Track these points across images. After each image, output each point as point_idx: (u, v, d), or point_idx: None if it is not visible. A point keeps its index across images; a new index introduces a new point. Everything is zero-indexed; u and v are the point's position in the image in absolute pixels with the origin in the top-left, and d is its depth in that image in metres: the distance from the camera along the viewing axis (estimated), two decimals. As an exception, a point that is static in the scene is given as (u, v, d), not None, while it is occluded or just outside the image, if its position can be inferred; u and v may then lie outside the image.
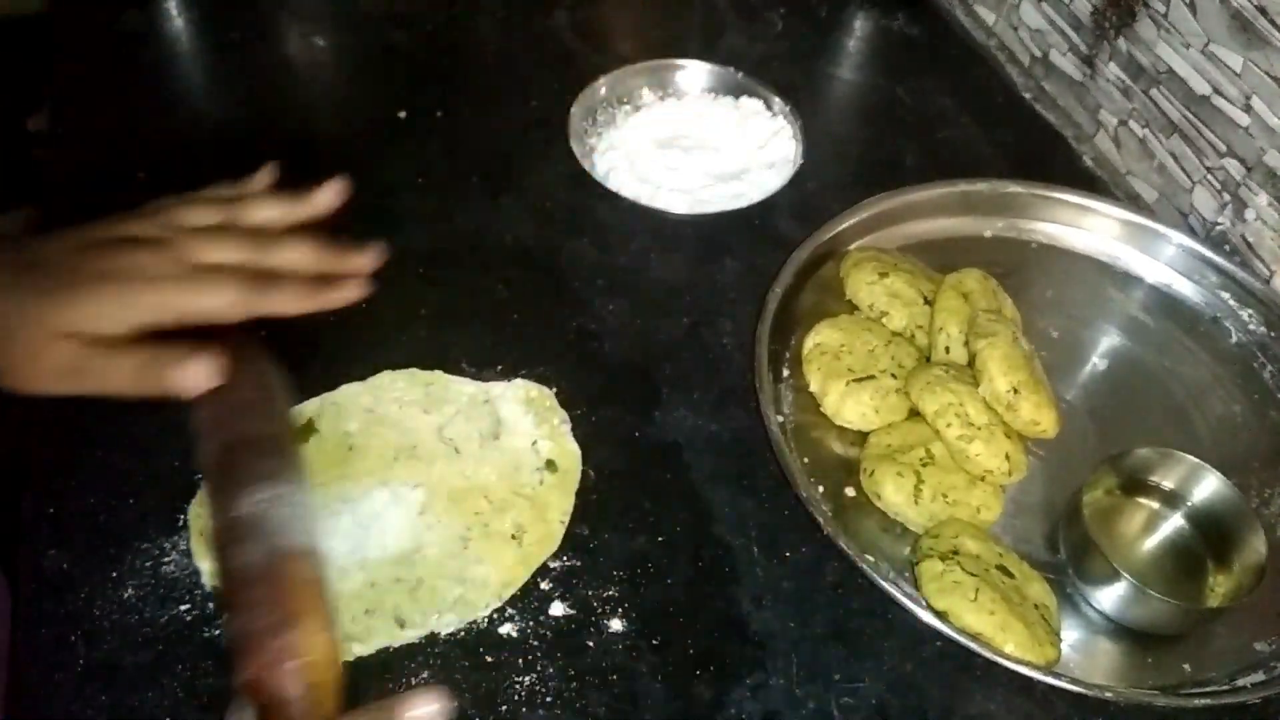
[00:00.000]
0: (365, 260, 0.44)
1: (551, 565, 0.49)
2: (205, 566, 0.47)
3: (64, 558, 0.47)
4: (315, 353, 0.56)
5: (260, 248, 0.42)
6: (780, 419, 0.54)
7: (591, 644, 0.47)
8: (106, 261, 0.40)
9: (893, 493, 0.51)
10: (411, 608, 0.47)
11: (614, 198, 0.66)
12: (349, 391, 0.54)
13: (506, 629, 0.47)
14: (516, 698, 0.45)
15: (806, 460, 0.54)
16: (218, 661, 0.44)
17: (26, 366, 0.39)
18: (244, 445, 0.40)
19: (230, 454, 0.40)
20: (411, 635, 0.46)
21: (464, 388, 0.55)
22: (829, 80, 0.79)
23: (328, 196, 0.45)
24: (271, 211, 0.44)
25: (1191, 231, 0.67)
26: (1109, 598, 0.49)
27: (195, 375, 0.39)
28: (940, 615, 0.47)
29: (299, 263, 0.43)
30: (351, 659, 0.45)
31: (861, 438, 0.55)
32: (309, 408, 0.53)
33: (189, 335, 0.40)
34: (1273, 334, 0.62)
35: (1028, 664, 0.46)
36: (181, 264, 0.41)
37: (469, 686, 0.45)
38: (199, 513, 0.48)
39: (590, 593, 0.48)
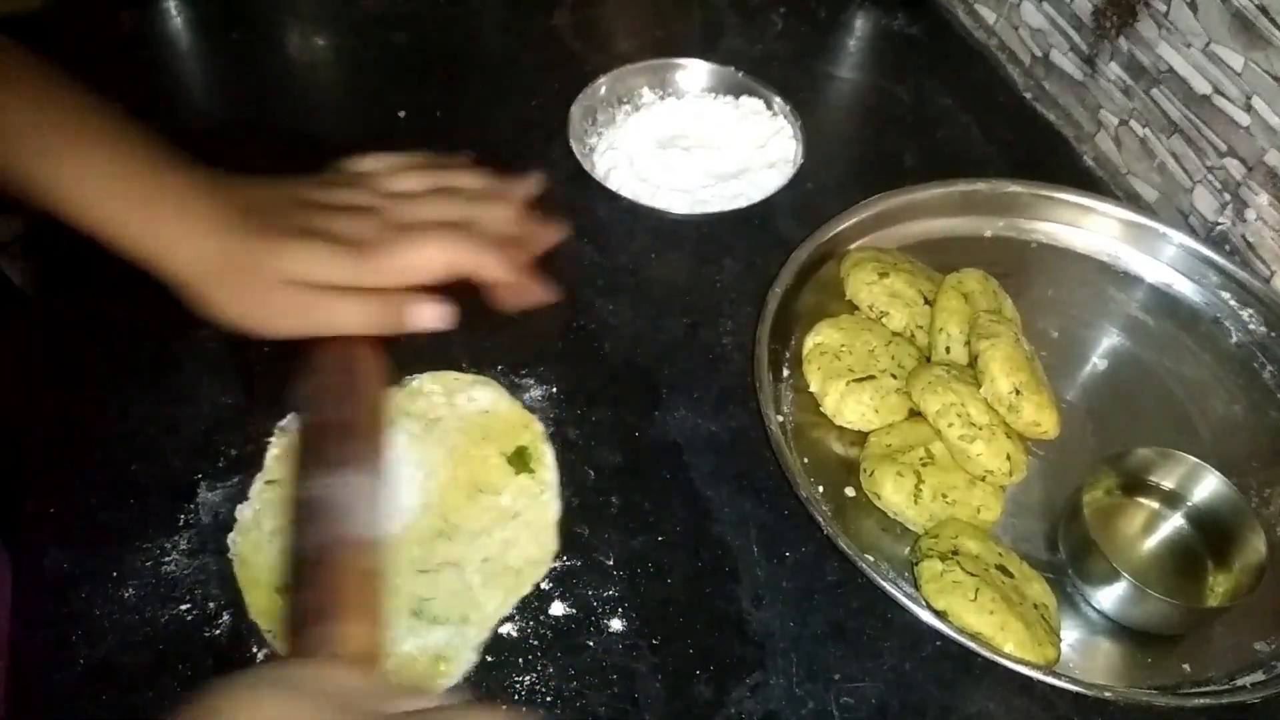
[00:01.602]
0: (552, 234, 0.47)
1: (552, 565, 0.49)
2: (249, 599, 0.46)
3: (64, 557, 0.47)
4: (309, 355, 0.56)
5: (470, 205, 0.44)
6: (780, 419, 0.54)
7: (591, 644, 0.47)
8: (318, 222, 0.42)
9: (892, 492, 0.51)
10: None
11: (614, 197, 0.66)
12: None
13: (507, 629, 0.47)
14: (516, 697, 0.45)
15: (806, 460, 0.54)
16: (218, 661, 0.44)
17: (260, 307, 0.41)
18: (330, 429, 0.40)
19: (315, 435, 0.40)
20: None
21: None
22: (829, 80, 0.79)
23: (529, 186, 0.47)
24: (475, 181, 0.46)
25: (1192, 231, 0.67)
26: (1109, 597, 0.49)
27: (429, 314, 0.41)
28: (940, 615, 0.47)
29: (504, 223, 0.45)
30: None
31: (861, 438, 0.55)
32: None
33: None
34: (1273, 334, 0.62)
35: (1027, 663, 0.46)
36: (388, 230, 0.42)
37: (469, 686, 0.45)
38: (239, 540, 0.48)
39: (590, 593, 0.48)
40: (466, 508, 0.50)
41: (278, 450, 0.51)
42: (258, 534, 0.48)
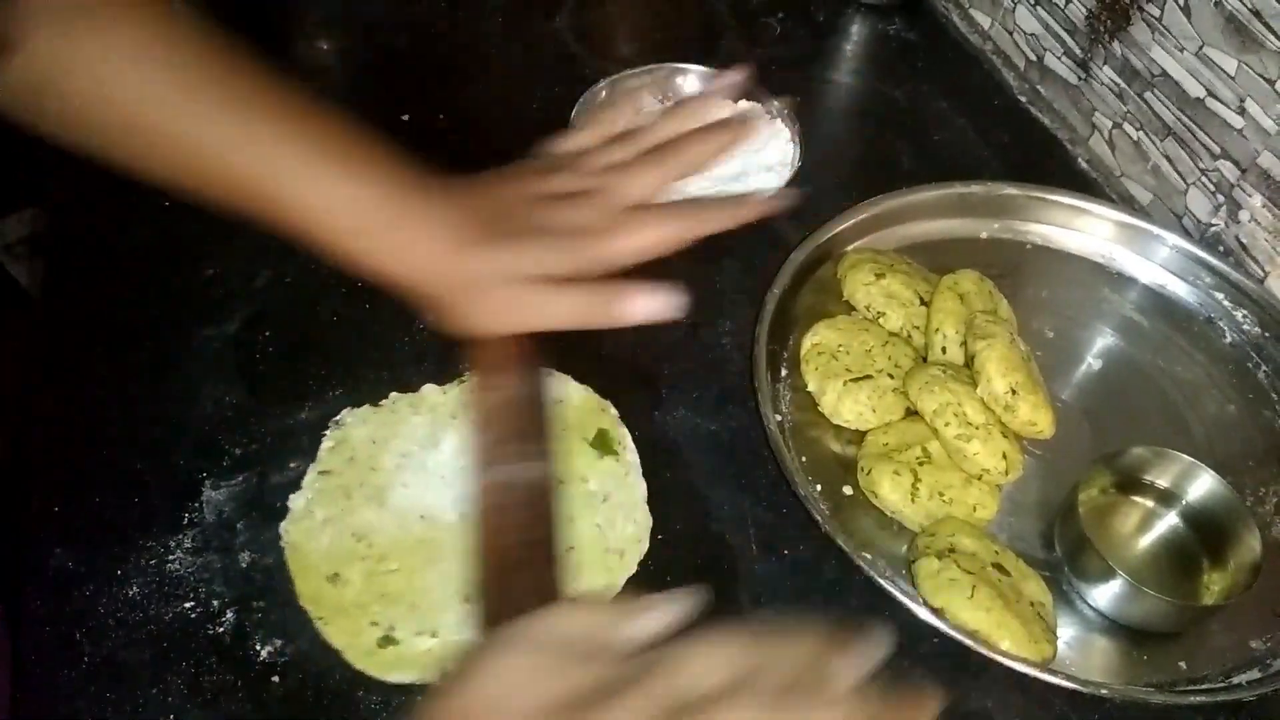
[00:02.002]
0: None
1: (657, 537, 0.50)
2: (299, 586, 0.47)
3: (69, 556, 0.47)
4: (312, 354, 0.56)
5: (676, 162, 0.44)
6: (778, 418, 0.55)
7: (592, 641, 0.47)
8: (546, 218, 0.42)
9: (889, 491, 0.52)
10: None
11: (614, 200, 0.66)
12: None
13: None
14: (517, 694, 0.45)
15: (804, 459, 0.54)
16: (222, 659, 0.45)
17: (479, 311, 0.42)
18: (504, 429, 0.42)
19: (493, 435, 0.42)
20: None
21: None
22: (827, 84, 0.79)
23: (736, 78, 0.48)
24: (681, 125, 0.46)
25: (1186, 233, 0.68)
26: (1104, 595, 0.50)
27: (648, 306, 0.42)
28: (937, 612, 0.47)
29: (715, 153, 0.45)
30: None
31: (859, 437, 0.56)
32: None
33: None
34: (1266, 334, 0.63)
35: (1024, 661, 0.46)
36: (612, 212, 0.42)
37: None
38: (290, 528, 0.49)
39: (590, 590, 0.49)
40: None
41: (331, 443, 0.52)
42: (309, 522, 0.49)
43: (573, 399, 0.55)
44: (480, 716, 0.29)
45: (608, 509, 0.51)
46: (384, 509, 0.50)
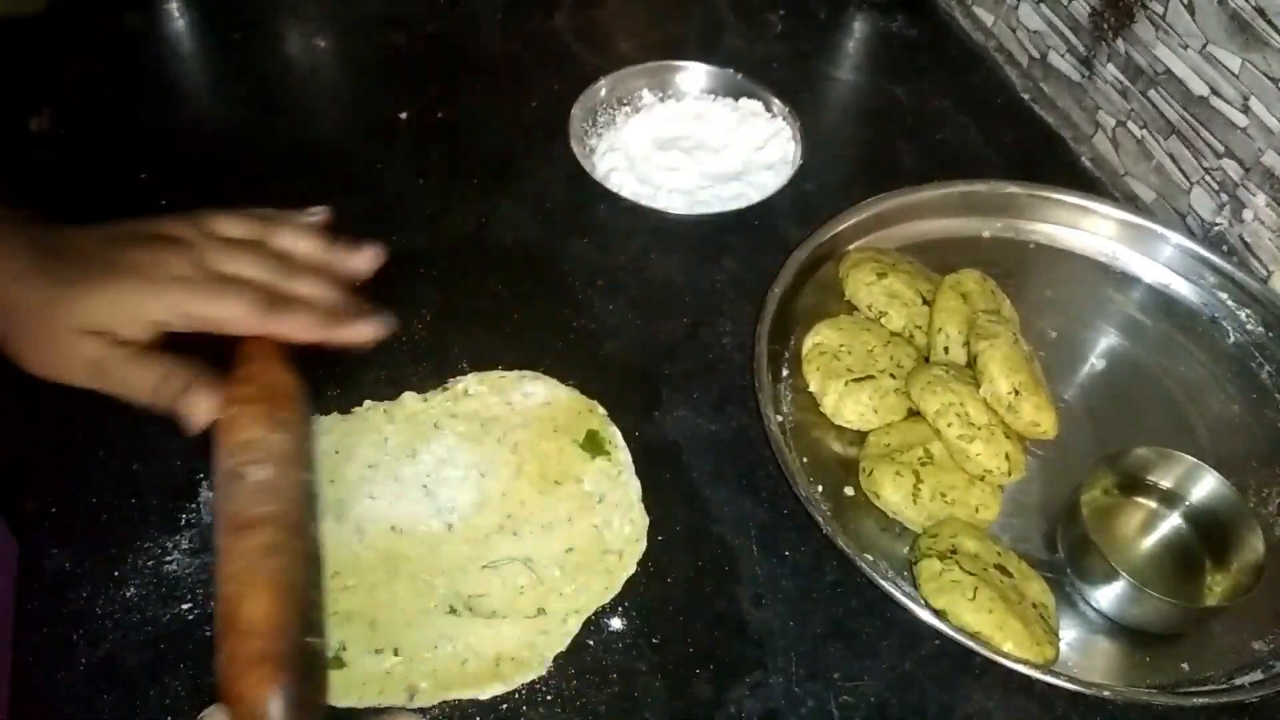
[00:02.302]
0: (370, 329, 0.44)
1: (656, 538, 0.50)
2: None
3: (66, 557, 0.47)
4: (308, 357, 0.56)
5: (282, 271, 0.43)
6: (780, 419, 0.54)
7: (591, 643, 0.47)
8: (130, 255, 0.41)
9: (891, 492, 0.51)
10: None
11: (614, 198, 0.66)
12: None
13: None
14: (517, 695, 0.45)
15: (806, 460, 0.54)
16: (219, 660, 0.45)
17: (49, 356, 0.40)
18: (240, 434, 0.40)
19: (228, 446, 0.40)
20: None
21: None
22: (828, 81, 0.79)
23: (365, 260, 0.46)
24: (305, 245, 0.45)
25: (1189, 232, 0.67)
26: (1107, 597, 0.50)
27: (198, 412, 0.40)
28: (939, 614, 0.47)
29: (316, 296, 0.43)
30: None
31: (860, 437, 0.55)
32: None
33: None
34: (1270, 334, 0.63)
35: (1026, 663, 0.46)
36: (202, 269, 0.41)
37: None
38: None
39: (590, 592, 0.48)
40: (536, 501, 0.51)
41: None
42: None
43: (560, 401, 0.55)
44: None
45: (604, 509, 0.51)
46: (342, 523, 0.49)
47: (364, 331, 0.44)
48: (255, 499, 0.38)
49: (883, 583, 0.48)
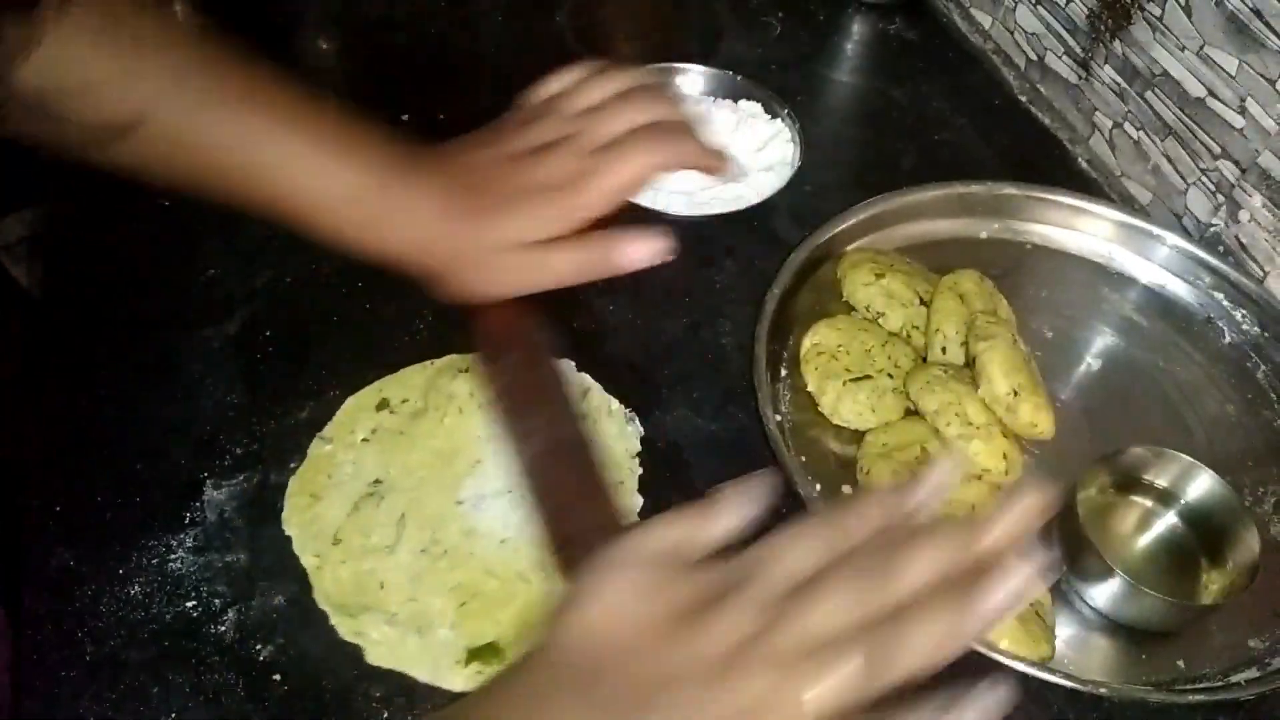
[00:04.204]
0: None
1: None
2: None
3: (70, 555, 0.47)
4: (312, 354, 0.56)
5: (653, 103, 0.45)
6: (778, 418, 0.55)
7: (592, 640, 0.47)
8: (525, 176, 0.43)
9: (889, 491, 0.52)
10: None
11: (614, 199, 0.66)
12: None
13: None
14: (518, 693, 0.45)
15: (804, 459, 0.54)
16: (223, 658, 0.45)
17: (491, 278, 0.44)
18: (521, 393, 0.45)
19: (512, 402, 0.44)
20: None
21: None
22: (827, 83, 0.79)
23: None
24: (649, 78, 0.47)
25: (1186, 233, 0.68)
26: (1103, 594, 0.50)
27: (640, 251, 0.43)
28: (936, 612, 0.47)
29: (676, 124, 0.45)
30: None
31: (858, 437, 0.56)
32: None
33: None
34: (1266, 334, 0.63)
35: (1022, 660, 0.46)
36: (589, 156, 0.43)
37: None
38: (316, 564, 0.48)
39: (590, 590, 0.49)
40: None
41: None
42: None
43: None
44: (602, 635, 0.30)
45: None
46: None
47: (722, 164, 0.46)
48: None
49: (880, 581, 0.48)
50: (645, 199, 0.67)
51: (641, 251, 0.43)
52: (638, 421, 0.55)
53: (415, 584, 0.47)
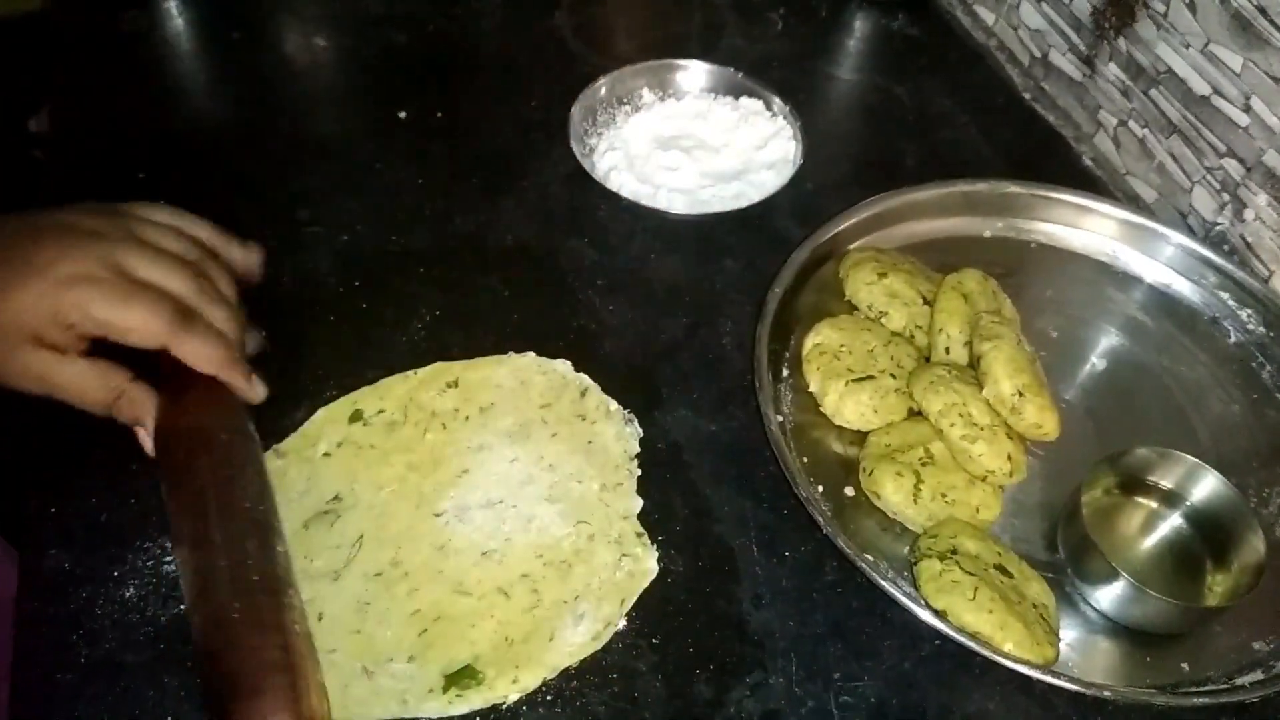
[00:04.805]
0: (260, 392, 0.46)
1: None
2: None
3: (65, 557, 0.47)
4: (312, 354, 0.56)
5: (197, 288, 0.42)
6: (780, 419, 0.54)
7: (591, 643, 0.47)
8: (41, 253, 0.40)
9: (892, 492, 0.51)
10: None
11: (614, 198, 0.66)
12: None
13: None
14: (517, 696, 0.45)
15: (806, 460, 0.54)
16: (219, 660, 0.44)
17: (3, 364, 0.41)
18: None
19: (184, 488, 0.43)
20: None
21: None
22: (829, 80, 0.79)
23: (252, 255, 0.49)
24: (204, 230, 0.46)
25: (1190, 231, 0.67)
26: (1107, 597, 0.50)
27: (138, 414, 0.41)
28: (939, 614, 0.47)
29: (225, 326, 0.43)
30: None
31: (861, 437, 0.55)
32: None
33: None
34: (1271, 334, 0.62)
35: (1026, 663, 0.46)
36: (116, 270, 0.40)
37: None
38: None
39: (590, 592, 0.48)
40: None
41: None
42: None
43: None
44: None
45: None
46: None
47: (257, 391, 0.45)
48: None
49: (883, 583, 0.48)
50: (645, 197, 0.66)
51: (143, 412, 0.42)
52: (636, 423, 0.54)
53: (361, 614, 0.45)
